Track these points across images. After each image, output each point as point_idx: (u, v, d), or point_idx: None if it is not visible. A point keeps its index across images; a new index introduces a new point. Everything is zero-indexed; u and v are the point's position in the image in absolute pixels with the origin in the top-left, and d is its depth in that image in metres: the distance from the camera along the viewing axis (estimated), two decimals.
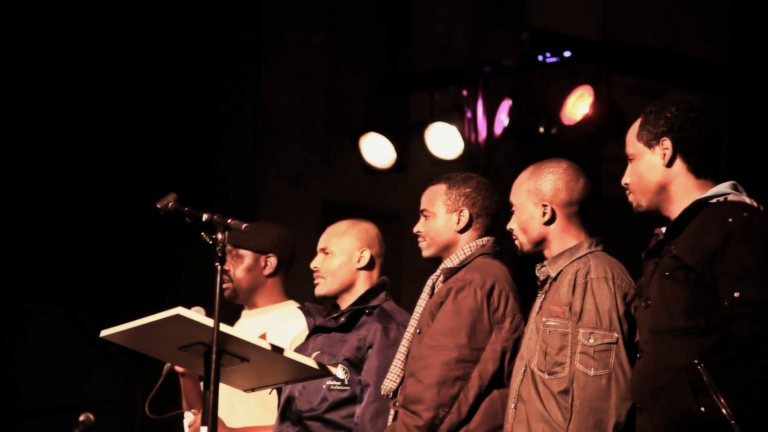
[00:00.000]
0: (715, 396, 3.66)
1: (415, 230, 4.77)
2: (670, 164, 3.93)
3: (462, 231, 4.69)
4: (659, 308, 3.84)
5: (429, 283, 4.70)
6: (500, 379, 4.46)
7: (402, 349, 4.63)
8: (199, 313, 4.71)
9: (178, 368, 5.12)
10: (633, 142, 4.01)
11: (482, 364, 4.44)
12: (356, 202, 9.90)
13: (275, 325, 5.24)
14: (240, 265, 5.32)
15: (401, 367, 4.61)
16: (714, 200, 3.86)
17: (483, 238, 4.69)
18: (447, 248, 4.70)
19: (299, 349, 4.91)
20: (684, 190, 3.92)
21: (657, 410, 3.78)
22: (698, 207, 3.86)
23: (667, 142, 3.93)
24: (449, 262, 4.66)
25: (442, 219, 4.71)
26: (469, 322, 4.45)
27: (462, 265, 4.61)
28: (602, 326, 4.09)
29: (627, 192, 4.04)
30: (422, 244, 4.75)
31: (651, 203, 3.98)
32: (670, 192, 3.94)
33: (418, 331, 4.58)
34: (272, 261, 5.35)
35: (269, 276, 5.35)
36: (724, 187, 3.90)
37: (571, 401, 4.06)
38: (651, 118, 3.97)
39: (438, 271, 4.69)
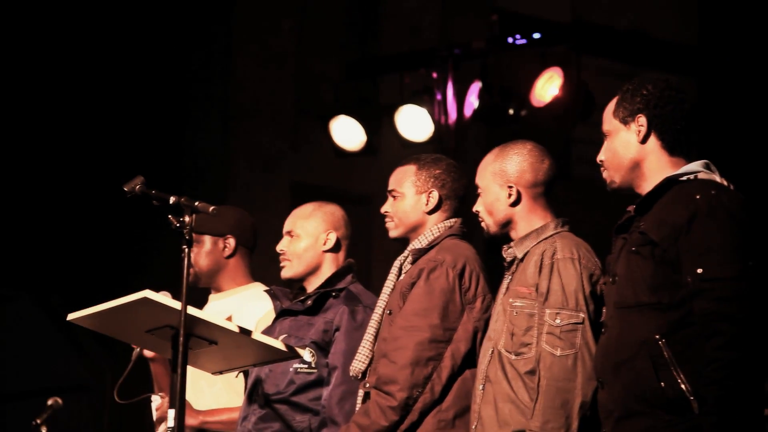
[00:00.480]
0: (675, 372, 3.66)
1: (382, 210, 4.76)
2: (644, 141, 3.93)
3: (431, 212, 4.69)
4: (624, 283, 3.84)
5: (396, 264, 4.70)
6: (472, 359, 4.46)
7: (370, 330, 4.63)
8: (166, 297, 4.70)
9: (148, 353, 5.10)
10: (609, 119, 4.01)
11: (454, 344, 4.45)
12: (327, 185, 9.88)
13: (240, 307, 5.23)
14: (199, 250, 5.31)
15: (370, 348, 4.60)
16: (684, 178, 3.86)
17: (450, 220, 4.70)
18: (415, 229, 4.70)
19: (266, 332, 4.89)
20: (657, 168, 3.92)
21: (618, 384, 3.78)
22: (668, 184, 3.86)
23: (642, 119, 3.93)
24: (417, 243, 4.66)
25: (411, 200, 4.70)
26: (441, 303, 4.46)
27: (430, 246, 4.62)
28: (568, 306, 4.10)
29: (602, 168, 4.03)
30: (389, 225, 4.75)
31: (624, 180, 3.97)
32: (643, 169, 3.94)
33: (388, 312, 4.58)
34: (231, 242, 5.34)
35: (229, 257, 5.35)
36: (695, 165, 3.90)
37: (537, 381, 4.06)
38: (627, 95, 3.97)
39: (406, 252, 4.69)
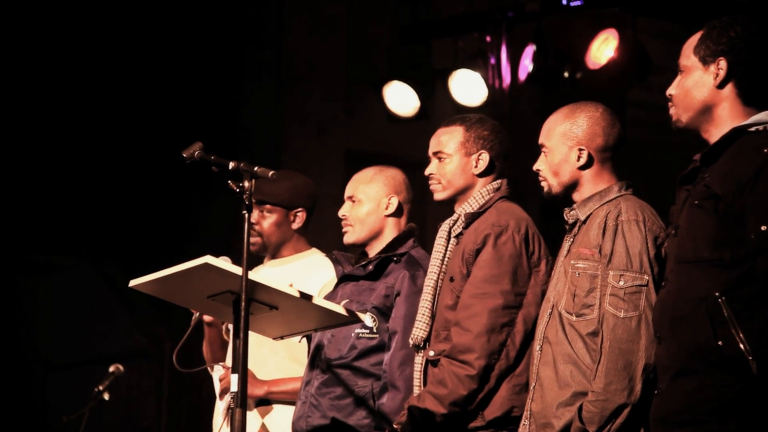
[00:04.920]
0: (734, 330, 3.52)
1: (427, 172, 4.70)
2: (721, 86, 3.75)
3: (480, 175, 4.64)
4: (686, 237, 3.71)
5: (444, 227, 4.64)
6: None
7: (427, 297, 4.58)
8: (226, 262, 4.70)
9: (207, 318, 5.12)
10: (688, 54, 3.82)
11: (525, 308, 4.41)
12: (380, 151, 9.85)
13: (303, 273, 5.22)
14: (269, 220, 5.30)
15: (429, 315, 4.56)
16: (753, 129, 3.70)
17: (497, 182, 4.64)
18: (463, 192, 4.64)
19: (328, 297, 4.90)
20: (729, 116, 3.75)
21: (674, 341, 3.67)
22: (736, 135, 3.69)
23: (723, 63, 3.75)
24: (468, 207, 4.60)
25: (460, 162, 4.65)
26: (510, 268, 4.43)
27: (483, 210, 4.57)
28: (632, 268, 4.05)
29: (669, 104, 3.87)
30: (436, 187, 4.68)
31: (691, 121, 3.81)
32: (714, 114, 3.78)
33: (449, 278, 4.53)
34: (301, 215, 5.33)
35: (298, 229, 5.33)
36: (765, 115, 3.73)
37: (600, 343, 4.03)
38: (713, 33, 3.77)
39: (455, 216, 4.63)
